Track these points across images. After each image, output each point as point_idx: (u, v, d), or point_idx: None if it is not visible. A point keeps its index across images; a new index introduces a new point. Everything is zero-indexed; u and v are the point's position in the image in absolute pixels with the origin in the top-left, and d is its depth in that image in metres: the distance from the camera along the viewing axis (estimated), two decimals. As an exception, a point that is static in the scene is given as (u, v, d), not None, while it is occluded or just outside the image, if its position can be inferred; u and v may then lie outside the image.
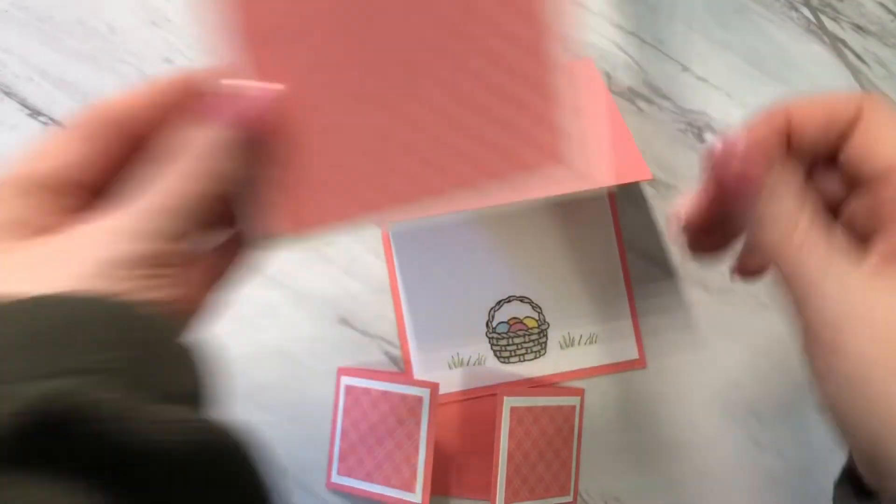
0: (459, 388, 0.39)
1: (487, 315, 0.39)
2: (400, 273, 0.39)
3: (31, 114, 0.40)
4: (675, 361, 0.40)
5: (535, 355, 0.39)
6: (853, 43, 0.41)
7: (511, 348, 0.39)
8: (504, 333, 0.39)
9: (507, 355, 0.39)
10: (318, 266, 0.40)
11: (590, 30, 0.41)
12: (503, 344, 0.39)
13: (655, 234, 0.40)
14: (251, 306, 0.40)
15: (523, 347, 0.39)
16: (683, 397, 0.40)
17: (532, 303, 0.39)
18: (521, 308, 0.39)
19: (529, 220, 0.39)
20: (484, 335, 0.39)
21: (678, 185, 0.40)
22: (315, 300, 0.40)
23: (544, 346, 0.39)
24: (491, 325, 0.39)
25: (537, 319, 0.39)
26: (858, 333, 0.22)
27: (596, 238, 0.40)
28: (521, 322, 0.39)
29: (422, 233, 0.39)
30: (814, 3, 0.41)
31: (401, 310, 0.39)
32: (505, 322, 0.39)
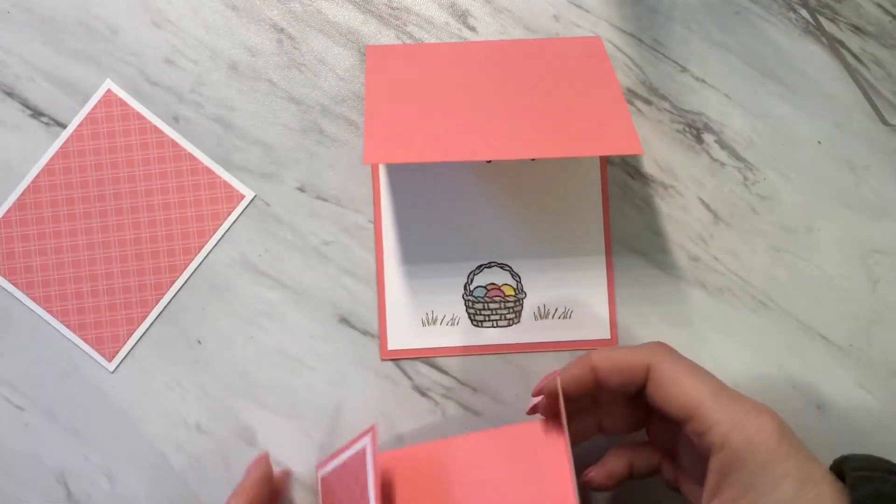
0: (429, 346, 0.40)
1: (466, 277, 0.40)
2: (385, 223, 0.40)
3: (32, 114, 0.40)
4: (675, 361, 0.40)
5: (509, 322, 0.40)
6: (851, 44, 0.41)
7: (486, 313, 0.40)
8: (481, 298, 0.40)
9: (482, 319, 0.40)
10: (318, 266, 0.40)
11: (588, 30, 0.41)
12: (478, 308, 0.40)
13: (654, 234, 0.40)
14: (251, 306, 0.40)
15: (498, 314, 0.40)
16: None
17: (512, 271, 0.40)
18: (500, 275, 0.40)
19: (520, 188, 0.40)
20: (461, 297, 0.40)
21: (676, 185, 0.41)
22: (315, 300, 0.40)
23: (518, 315, 0.40)
24: (469, 287, 0.40)
25: (515, 288, 0.40)
26: None
27: (584, 217, 0.40)
28: (499, 289, 0.40)
29: (412, 187, 0.40)
30: (812, 4, 0.41)
31: (382, 257, 0.40)
32: (483, 287, 0.40)
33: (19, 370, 0.40)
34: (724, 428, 0.30)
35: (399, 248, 0.40)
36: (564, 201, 0.40)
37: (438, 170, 0.40)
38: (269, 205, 0.40)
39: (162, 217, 0.40)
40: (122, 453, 0.40)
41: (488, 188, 0.40)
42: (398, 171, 0.40)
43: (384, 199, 0.40)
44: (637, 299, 0.40)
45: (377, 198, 0.40)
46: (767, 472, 0.29)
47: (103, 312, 0.40)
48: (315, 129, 0.41)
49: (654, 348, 0.33)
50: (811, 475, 0.29)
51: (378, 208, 0.40)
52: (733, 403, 0.31)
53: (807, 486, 0.29)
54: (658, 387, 0.32)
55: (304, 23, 0.41)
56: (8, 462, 0.40)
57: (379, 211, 0.40)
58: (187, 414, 0.40)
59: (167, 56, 0.41)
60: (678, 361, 0.32)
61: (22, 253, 0.40)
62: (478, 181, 0.40)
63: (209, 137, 0.40)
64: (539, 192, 0.40)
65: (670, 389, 0.32)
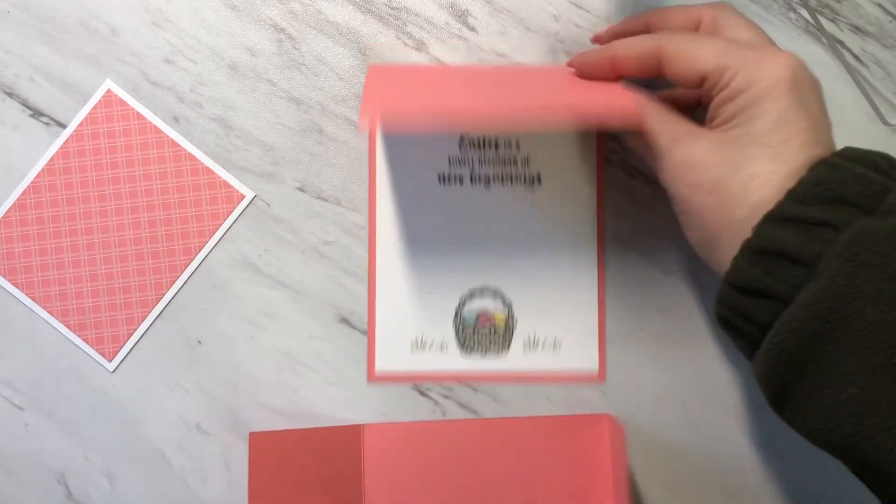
0: (418, 371, 0.39)
1: (458, 302, 0.40)
2: (379, 246, 0.40)
3: (32, 114, 0.40)
4: (674, 361, 0.40)
5: (498, 351, 0.40)
6: (851, 44, 0.41)
7: (476, 338, 0.40)
8: (471, 325, 0.40)
9: (472, 346, 0.40)
10: (318, 266, 0.40)
11: (588, 30, 0.41)
12: (468, 334, 0.40)
13: (653, 234, 0.40)
14: (251, 306, 0.40)
15: (487, 341, 0.40)
16: (681, 397, 0.40)
17: (504, 298, 0.40)
18: (493, 303, 0.40)
19: (513, 213, 0.40)
20: (451, 321, 0.40)
21: (677, 185, 0.41)
22: (315, 300, 0.40)
23: (508, 344, 0.40)
24: (460, 313, 0.40)
25: (506, 317, 0.40)
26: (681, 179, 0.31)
27: (578, 242, 0.40)
28: (490, 317, 0.39)
29: (407, 205, 0.40)
30: (812, 4, 0.41)
31: (374, 279, 0.40)
32: (474, 314, 0.39)
33: (19, 370, 0.40)
34: (733, 72, 0.30)
35: (393, 268, 0.40)
36: (558, 224, 0.40)
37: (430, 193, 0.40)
38: (269, 205, 0.40)
39: (162, 217, 0.40)
40: (122, 453, 0.40)
41: (484, 211, 0.40)
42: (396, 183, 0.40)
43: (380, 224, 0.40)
44: (635, 299, 0.40)
45: (372, 223, 0.40)
46: (752, 105, 0.30)
47: (103, 312, 0.40)
48: (315, 129, 0.41)
49: (663, 33, 0.34)
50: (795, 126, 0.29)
51: (373, 232, 0.40)
52: (749, 51, 0.31)
53: (781, 130, 0.29)
54: (670, 65, 0.32)
55: (304, 23, 0.41)
56: (8, 462, 0.40)
57: (374, 234, 0.40)
58: (187, 414, 0.40)
59: (167, 56, 0.41)
60: (684, 35, 0.33)
61: (22, 253, 0.40)
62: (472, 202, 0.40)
63: (209, 137, 0.40)
64: (535, 219, 0.40)
65: (681, 62, 0.32)
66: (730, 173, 0.30)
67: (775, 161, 0.29)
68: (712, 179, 0.30)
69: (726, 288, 0.30)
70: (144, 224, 0.40)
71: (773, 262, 0.28)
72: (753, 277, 0.28)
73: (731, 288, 0.29)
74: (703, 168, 0.31)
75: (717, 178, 0.30)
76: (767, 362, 0.28)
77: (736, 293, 0.29)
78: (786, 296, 0.27)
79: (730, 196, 0.30)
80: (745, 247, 0.29)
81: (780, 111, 0.29)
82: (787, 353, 0.27)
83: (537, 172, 0.40)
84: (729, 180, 0.30)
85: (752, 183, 0.29)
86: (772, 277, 0.28)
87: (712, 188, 0.30)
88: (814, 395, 0.27)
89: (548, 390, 0.40)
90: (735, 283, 0.29)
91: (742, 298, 0.29)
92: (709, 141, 0.31)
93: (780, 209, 0.28)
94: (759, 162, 0.29)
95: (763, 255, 0.28)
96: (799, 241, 0.27)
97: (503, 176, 0.40)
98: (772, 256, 0.28)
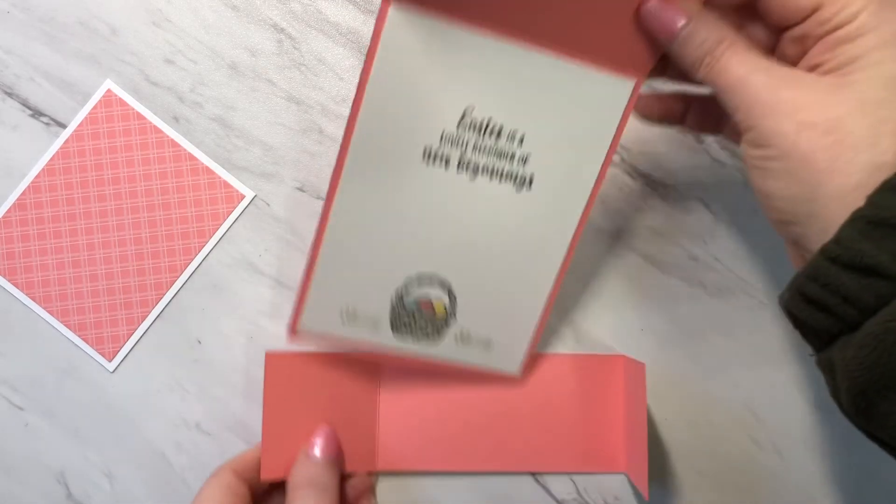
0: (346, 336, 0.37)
1: (402, 281, 0.37)
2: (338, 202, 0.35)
3: (32, 114, 0.40)
4: (674, 360, 0.40)
5: (430, 339, 0.38)
6: (851, 44, 0.41)
7: (410, 324, 0.37)
8: (411, 308, 0.37)
9: (404, 331, 0.37)
10: (317, 266, 0.40)
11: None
12: (404, 318, 0.37)
13: (654, 234, 0.40)
14: (251, 306, 0.40)
15: (421, 329, 0.38)
16: (681, 397, 0.40)
17: (451, 292, 0.37)
18: (438, 292, 0.37)
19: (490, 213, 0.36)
20: (390, 299, 0.37)
21: (677, 185, 0.41)
22: (315, 300, 0.40)
23: (441, 336, 0.38)
24: (402, 293, 0.37)
25: (447, 309, 0.37)
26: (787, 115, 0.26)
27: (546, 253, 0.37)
28: (432, 306, 0.37)
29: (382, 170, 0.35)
30: (812, 4, 0.41)
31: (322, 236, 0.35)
32: (415, 300, 0.37)
33: (19, 370, 0.40)
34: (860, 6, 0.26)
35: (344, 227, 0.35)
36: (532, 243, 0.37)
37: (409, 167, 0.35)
38: (269, 205, 0.40)
39: (162, 217, 0.40)
40: (122, 453, 0.40)
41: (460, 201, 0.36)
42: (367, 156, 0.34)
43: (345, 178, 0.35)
44: (636, 299, 0.40)
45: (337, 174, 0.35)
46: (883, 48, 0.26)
47: (103, 312, 0.40)
48: (315, 129, 0.41)
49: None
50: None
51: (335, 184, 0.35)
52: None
53: None
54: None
55: (304, 23, 0.41)
56: (8, 462, 0.40)
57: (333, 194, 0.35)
58: (187, 414, 0.40)
59: (167, 56, 0.41)
60: None
61: (22, 253, 0.40)
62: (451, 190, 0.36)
63: (209, 137, 0.40)
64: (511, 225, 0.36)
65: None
66: (854, 112, 0.26)
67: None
68: (831, 118, 0.26)
69: (824, 261, 0.25)
70: (144, 224, 0.40)
71: (890, 238, 0.24)
72: (864, 252, 0.24)
73: (831, 262, 0.25)
74: (821, 105, 0.26)
75: (839, 117, 0.26)
76: (876, 349, 0.24)
77: (836, 268, 0.25)
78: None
79: (854, 137, 0.25)
80: (858, 216, 0.25)
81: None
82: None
83: (531, 174, 0.35)
84: (854, 121, 0.25)
85: (885, 126, 0.25)
86: (888, 254, 0.24)
87: (830, 128, 0.26)
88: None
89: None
90: (839, 258, 0.25)
91: (844, 275, 0.25)
92: (825, 81, 0.27)
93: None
94: (893, 106, 0.25)
95: (879, 228, 0.24)
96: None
97: (494, 169, 0.35)
98: (890, 230, 0.24)
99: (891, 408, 0.24)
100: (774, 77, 0.27)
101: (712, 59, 0.29)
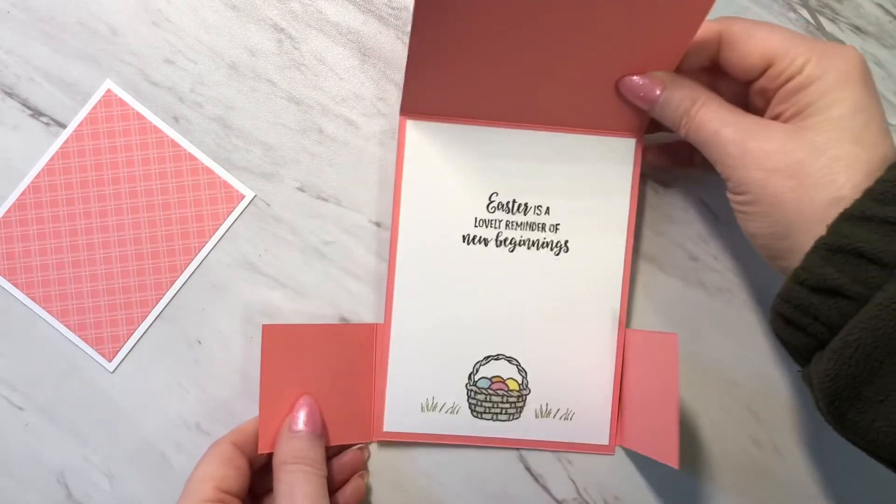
0: (427, 432, 0.39)
1: (472, 367, 0.39)
2: (395, 308, 0.39)
3: (32, 114, 0.40)
4: (675, 361, 0.40)
5: (509, 417, 0.39)
6: (851, 44, 0.41)
7: (487, 405, 0.39)
8: (484, 389, 0.39)
9: (482, 411, 0.39)
10: (318, 266, 0.40)
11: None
12: (480, 399, 0.39)
13: (654, 234, 0.40)
14: (251, 306, 0.40)
15: (499, 407, 0.39)
16: (681, 397, 0.40)
17: (519, 366, 0.39)
18: (507, 368, 0.39)
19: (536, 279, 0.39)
20: (464, 386, 0.39)
21: (676, 185, 0.41)
22: (315, 300, 0.40)
23: (520, 411, 0.39)
24: (473, 377, 0.39)
25: (520, 384, 0.39)
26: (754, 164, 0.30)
27: (600, 313, 0.39)
28: (504, 382, 0.39)
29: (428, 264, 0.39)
30: (812, 4, 0.41)
31: (388, 340, 0.39)
32: (488, 378, 0.39)
33: (19, 370, 0.40)
34: (805, 59, 0.30)
35: (408, 330, 0.39)
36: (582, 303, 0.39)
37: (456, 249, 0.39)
38: (269, 205, 0.40)
39: (162, 217, 0.40)
40: (122, 453, 0.40)
41: (507, 276, 0.39)
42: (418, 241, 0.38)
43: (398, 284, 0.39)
44: (637, 299, 0.40)
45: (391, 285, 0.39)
46: (829, 93, 0.29)
47: (103, 312, 0.40)
48: (315, 129, 0.41)
49: (723, 18, 0.33)
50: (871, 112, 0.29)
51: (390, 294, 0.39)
52: (814, 41, 0.31)
53: (860, 115, 0.29)
54: (732, 47, 0.32)
55: (304, 23, 0.41)
56: (8, 462, 0.40)
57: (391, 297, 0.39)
58: (187, 414, 0.40)
59: (167, 56, 0.41)
60: (747, 20, 0.32)
61: (22, 253, 0.40)
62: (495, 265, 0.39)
63: (209, 137, 0.40)
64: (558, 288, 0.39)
65: (745, 45, 0.31)
66: (811, 155, 0.29)
67: (859, 145, 0.28)
68: (791, 163, 0.29)
69: (794, 285, 0.29)
70: (144, 224, 0.40)
71: (848, 262, 0.27)
72: (827, 276, 0.27)
73: (800, 286, 0.28)
74: (782, 152, 0.29)
75: (798, 160, 0.29)
76: (836, 362, 0.27)
77: (805, 291, 0.28)
78: (862, 296, 0.27)
79: (812, 178, 0.29)
80: (820, 244, 0.28)
81: (857, 97, 0.29)
82: (861, 353, 0.26)
83: (565, 240, 0.39)
84: (811, 162, 0.29)
85: (838, 164, 0.28)
86: (847, 276, 0.27)
87: (792, 172, 0.29)
88: (889, 397, 0.26)
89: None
90: (806, 281, 0.28)
91: (812, 297, 0.28)
92: (783, 129, 0.30)
93: (859, 207, 0.27)
94: (844, 144, 0.29)
95: (838, 254, 0.27)
96: (878, 240, 0.26)
97: (530, 241, 0.39)
98: (848, 255, 0.27)
99: (857, 416, 0.26)
100: (742, 130, 0.31)
101: (688, 119, 0.33)
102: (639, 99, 0.35)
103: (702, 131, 0.32)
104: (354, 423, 0.39)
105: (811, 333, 0.29)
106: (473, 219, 0.38)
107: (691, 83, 0.34)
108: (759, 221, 0.31)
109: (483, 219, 0.38)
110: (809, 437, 0.40)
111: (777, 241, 0.30)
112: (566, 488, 0.40)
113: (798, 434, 0.40)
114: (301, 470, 0.34)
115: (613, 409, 0.39)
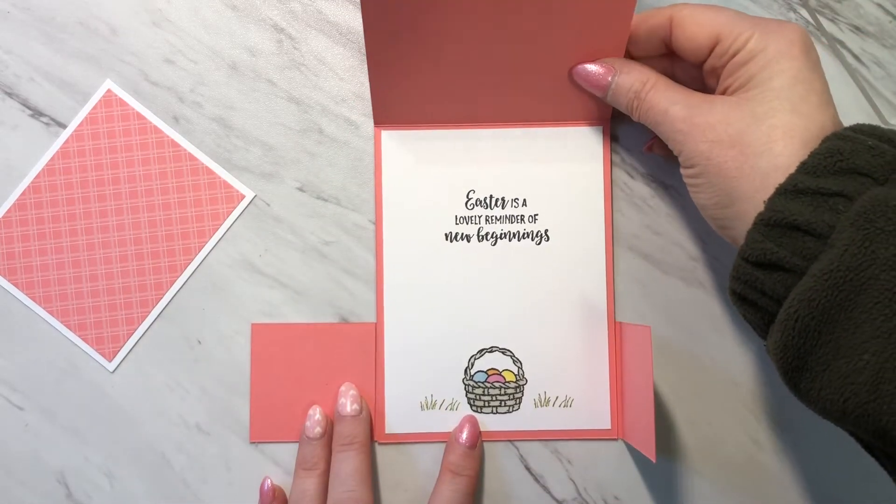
0: (428, 431, 0.39)
1: (467, 362, 0.39)
2: (387, 310, 0.39)
3: (32, 114, 0.40)
4: (674, 360, 0.40)
5: (509, 409, 0.39)
6: (851, 44, 0.41)
7: (486, 398, 0.39)
8: (481, 383, 0.39)
9: (481, 405, 0.39)
10: (318, 266, 0.40)
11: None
12: (478, 393, 0.39)
13: (654, 234, 0.40)
14: (251, 306, 0.40)
15: (498, 399, 0.39)
16: (681, 397, 0.40)
17: (514, 356, 0.39)
18: (502, 360, 0.39)
19: (521, 270, 0.39)
20: (461, 381, 0.39)
21: (675, 185, 0.41)
22: (315, 300, 0.40)
23: (519, 402, 0.39)
24: (469, 371, 0.39)
25: (516, 374, 0.39)
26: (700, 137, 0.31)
27: (588, 297, 0.40)
28: (500, 374, 0.39)
29: (413, 266, 0.39)
30: (812, 4, 0.41)
31: (382, 345, 0.39)
32: (483, 371, 0.39)
33: (19, 370, 0.40)
34: (748, 35, 0.31)
35: (400, 332, 0.39)
36: (568, 284, 0.39)
37: (440, 248, 0.39)
38: (269, 205, 0.40)
39: (162, 217, 0.40)
40: (122, 453, 0.40)
41: (492, 269, 0.39)
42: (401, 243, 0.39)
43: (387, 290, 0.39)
44: (637, 299, 0.40)
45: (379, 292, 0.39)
46: (770, 65, 0.31)
47: (103, 312, 0.40)
48: (315, 129, 0.41)
49: (673, 4, 0.34)
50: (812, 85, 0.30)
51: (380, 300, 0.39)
52: (759, 19, 0.32)
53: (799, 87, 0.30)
54: (682, 29, 0.33)
55: (304, 23, 0.41)
56: (8, 462, 0.40)
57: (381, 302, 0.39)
58: (187, 414, 0.40)
59: (167, 56, 0.41)
60: (696, 4, 0.34)
61: (22, 253, 0.40)
62: (480, 259, 0.40)
63: (209, 137, 0.40)
64: (544, 275, 0.40)
65: (692, 26, 0.33)
66: (751, 125, 0.30)
67: (796, 114, 0.29)
68: (733, 133, 0.30)
69: (740, 262, 0.30)
70: (144, 224, 0.40)
71: (786, 235, 0.28)
72: (767, 250, 0.28)
73: (745, 262, 0.29)
74: (724, 123, 0.31)
75: (738, 130, 0.30)
76: (783, 334, 0.27)
77: (750, 267, 0.29)
78: (800, 267, 0.27)
79: (752, 146, 0.30)
80: (758, 220, 0.29)
81: (797, 69, 0.30)
82: (801, 324, 0.27)
83: (545, 229, 0.40)
84: (751, 132, 0.30)
85: (776, 132, 0.30)
86: (785, 250, 0.28)
87: (733, 141, 0.30)
88: (830, 365, 0.26)
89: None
90: (749, 257, 0.29)
91: (756, 272, 0.29)
92: (727, 101, 0.32)
93: (791, 181, 0.28)
94: (781, 114, 0.30)
95: (775, 228, 0.28)
96: (812, 212, 0.27)
97: (510, 233, 0.39)
98: (784, 229, 0.28)
99: (807, 385, 0.27)
100: (689, 106, 0.32)
101: (639, 102, 0.34)
102: (591, 86, 0.36)
103: (652, 112, 0.34)
104: None
105: (762, 308, 0.29)
106: (454, 217, 0.40)
107: (641, 67, 0.35)
108: (706, 192, 0.32)
109: (463, 216, 0.40)
110: (809, 436, 0.40)
111: (722, 209, 0.31)
112: (566, 488, 0.40)
113: (798, 434, 0.40)
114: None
115: (612, 395, 0.39)
